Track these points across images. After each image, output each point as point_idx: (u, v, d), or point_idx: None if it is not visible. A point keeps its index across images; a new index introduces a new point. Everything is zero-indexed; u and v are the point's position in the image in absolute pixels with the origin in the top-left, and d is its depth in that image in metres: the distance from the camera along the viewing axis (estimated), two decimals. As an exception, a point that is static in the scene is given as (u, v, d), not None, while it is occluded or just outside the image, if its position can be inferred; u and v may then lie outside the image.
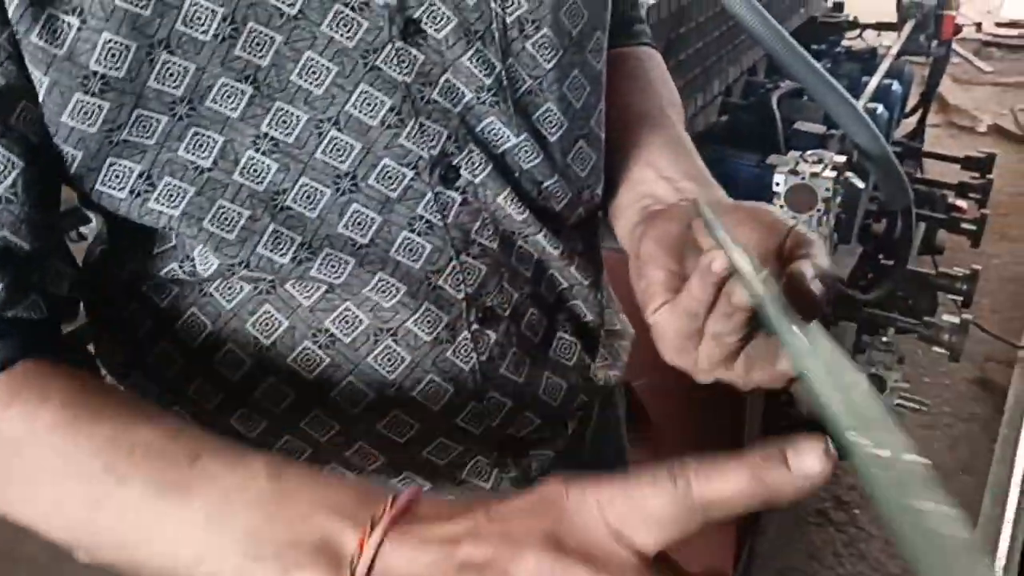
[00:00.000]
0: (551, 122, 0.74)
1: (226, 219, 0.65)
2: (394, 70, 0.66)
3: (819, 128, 2.29)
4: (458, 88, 0.69)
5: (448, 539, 0.47)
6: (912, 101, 3.48)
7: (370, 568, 0.47)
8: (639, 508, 0.44)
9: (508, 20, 0.69)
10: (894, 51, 2.81)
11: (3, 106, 0.59)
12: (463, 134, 0.70)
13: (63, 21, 0.58)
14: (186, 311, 0.71)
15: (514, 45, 0.70)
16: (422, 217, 0.70)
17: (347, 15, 0.64)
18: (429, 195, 0.69)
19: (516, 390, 0.78)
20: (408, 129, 0.67)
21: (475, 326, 0.74)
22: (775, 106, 2.34)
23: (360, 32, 0.65)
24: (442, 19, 0.67)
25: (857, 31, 3.26)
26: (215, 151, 0.64)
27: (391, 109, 0.66)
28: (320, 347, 0.71)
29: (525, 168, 0.73)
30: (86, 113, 0.60)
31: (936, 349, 2.20)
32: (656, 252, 0.67)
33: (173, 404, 0.74)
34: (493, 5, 0.68)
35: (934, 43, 3.23)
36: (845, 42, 3.36)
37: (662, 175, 0.77)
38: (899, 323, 2.21)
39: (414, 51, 0.67)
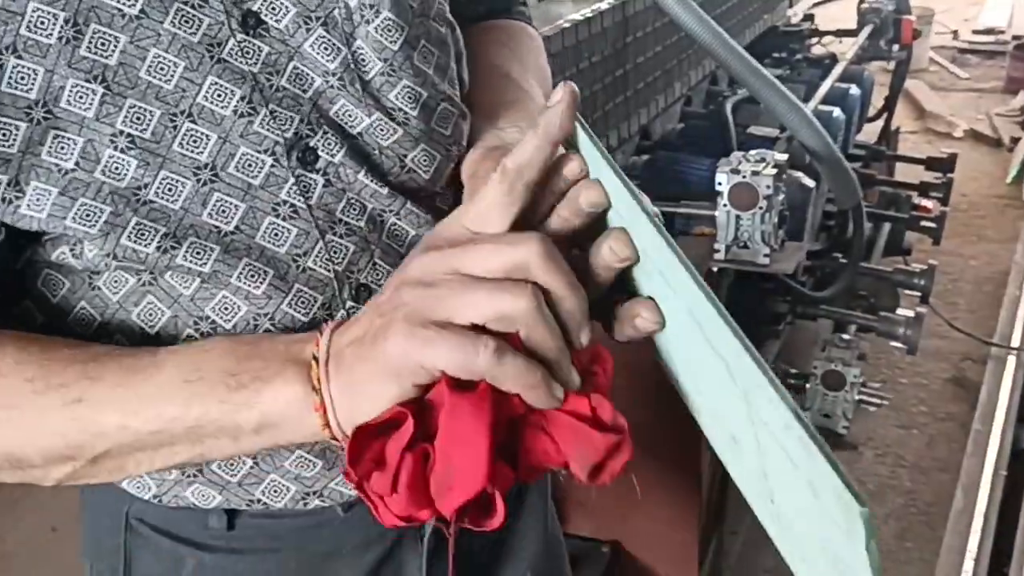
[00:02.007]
0: (409, 97, 0.76)
1: (88, 216, 0.67)
2: (240, 61, 0.69)
3: (772, 132, 2.33)
4: (307, 74, 0.72)
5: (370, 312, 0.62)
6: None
7: (327, 357, 0.62)
8: (484, 205, 0.61)
9: (351, 4, 0.73)
10: (849, 55, 2.85)
11: None
12: (316, 118, 0.72)
13: None
14: (76, 304, 0.73)
15: (359, 29, 0.73)
16: (286, 202, 0.72)
17: (187, 12, 0.67)
18: (291, 180, 0.72)
19: None
20: (260, 117, 0.70)
21: (349, 303, 0.76)
22: (729, 112, 2.38)
23: (202, 27, 0.68)
24: (281, 9, 0.70)
25: (816, 38, 3.30)
26: (76, 152, 0.66)
27: (242, 98, 0.69)
28: (203, 335, 0.73)
29: (384, 145, 0.76)
30: None
31: (894, 344, 2.22)
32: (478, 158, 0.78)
33: None
34: None
35: (895, 47, 3.28)
36: (817, 49, 3.42)
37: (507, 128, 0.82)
38: (856, 319, 2.24)
39: (257, 42, 0.70)
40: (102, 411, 0.65)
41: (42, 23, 0.63)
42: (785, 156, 1.86)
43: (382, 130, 0.75)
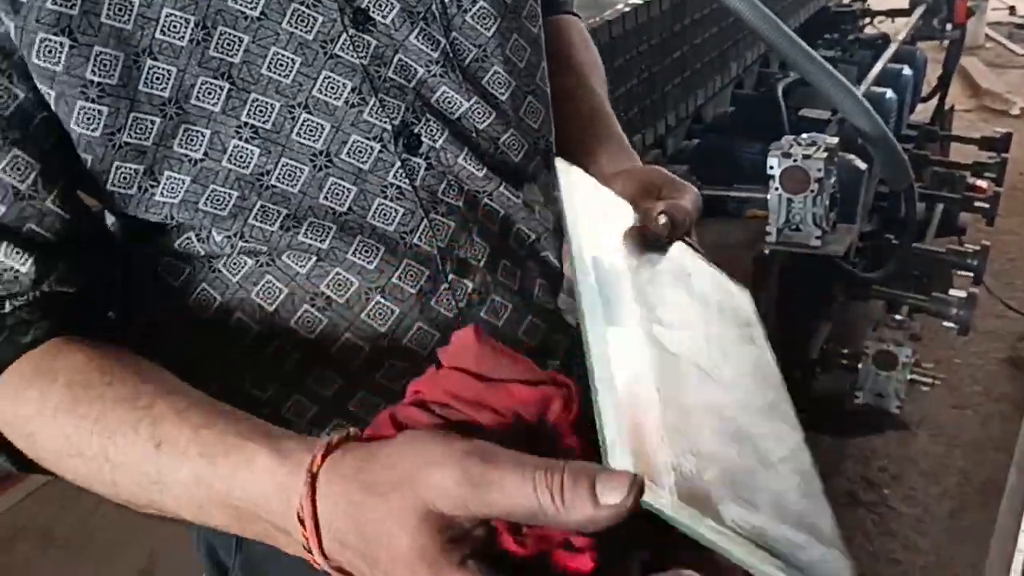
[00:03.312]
0: (499, 82, 0.84)
1: (218, 200, 0.75)
2: (351, 55, 0.76)
3: (823, 114, 2.35)
4: (410, 65, 0.79)
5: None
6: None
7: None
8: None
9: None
10: (902, 36, 2.85)
11: (23, 118, 0.71)
12: (419, 106, 0.80)
13: (55, 41, 0.69)
14: (197, 288, 0.80)
15: (455, 20, 0.81)
16: (393, 184, 0.79)
17: (303, 12, 0.74)
18: (397, 164, 0.79)
19: (496, 333, 0.85)
20: (370, 106, 0.77)
21: (451, 276, 0.82)
22: (780, 94, 2.39)
23: (316, 25, 0.75)
24: (387, 6, 0.78)
25: (868, 19, 3.29)
26: (204, 143, 0.74)
27: (352, 90, 0.76)
28: (318, 309, 0.80)
29: (480, 128, 0.83)
30: (89, 119, 0.71)
31: (946, 324, 2.24)
32: None
33: (189, 375, 0.79)
34: None
35: (948, 26, 3.26)
36: (869, 30, 3.41)
37: (573, 149, 0.91)
38: (908, 299, 2.25)
39: (366, 37, 0.77)
40: (119, 490, 0.69)
41: (175, 27, 0.71)
42: (836, 139, 1.88)
43: (479, 114, 0.82)
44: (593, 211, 0.70)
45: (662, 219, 0.72)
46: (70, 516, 1.17)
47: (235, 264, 0.79)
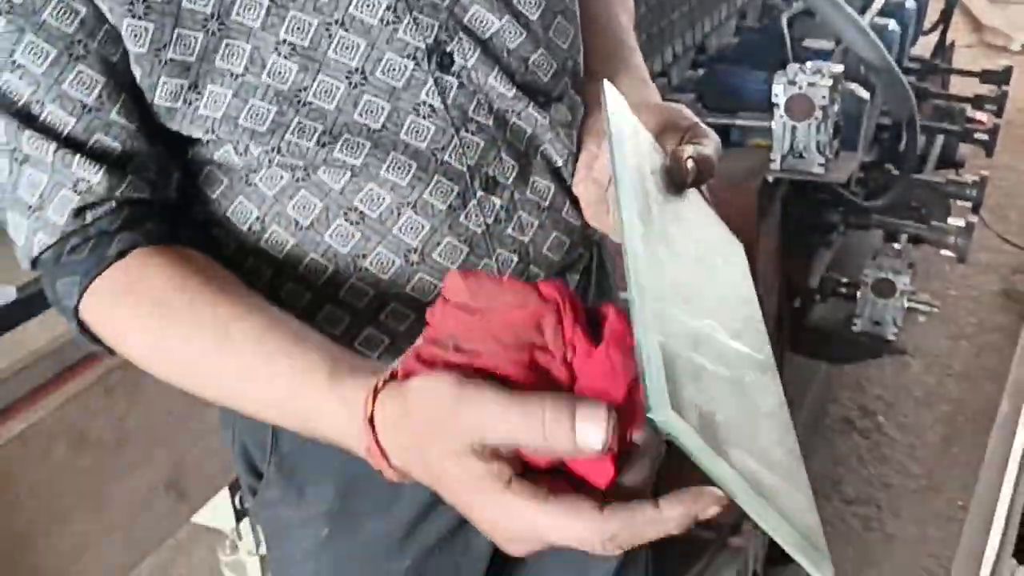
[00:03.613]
0: (530, 2, 0.86)
1: (257, 115, 0.78)
2: None
3: (827, 44, 2.36)
4: None
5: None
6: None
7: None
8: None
9: None
10: (905, -34, 2.85)
11: (86, 33, 0.74)
12: (452, 25, 0.82)
13: None
14: (235, 199, 0.84)
15: None
16: (425, 102, 0.82)
17: None
18: (430, 82, 0.81)
19: (522, 248, 0.90)
20: (404, 24, 0.80)
21: (480, 193, 0.86)
22: (784, 25, 2.41)
23: None
24: None
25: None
26: (245, 59, 0.77)
27: (388, 8, 0.79)
28: (352, 224, 0.83)
29: (511, 48, 0.86)
30: (136, 35, 0.74)
31: (944, 252, 2.28)
32: (584, 140, 0.91)
33: None
34: None
35: (951, -42, 3.25)
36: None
37: (596, 76, 0.92)
38: (907, 228, 2.29)
39: None
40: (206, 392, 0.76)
41: None
42: (840, 67, 1.91)
43: (510, 33, 0.85)
44: (631, 139, 0.72)
45: (690, 164, 0.73)
46: (103, 422, 1.22)
47: (271, 178, 0.82)
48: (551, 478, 0.58)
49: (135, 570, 1.39)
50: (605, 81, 0.76)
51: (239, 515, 1.73)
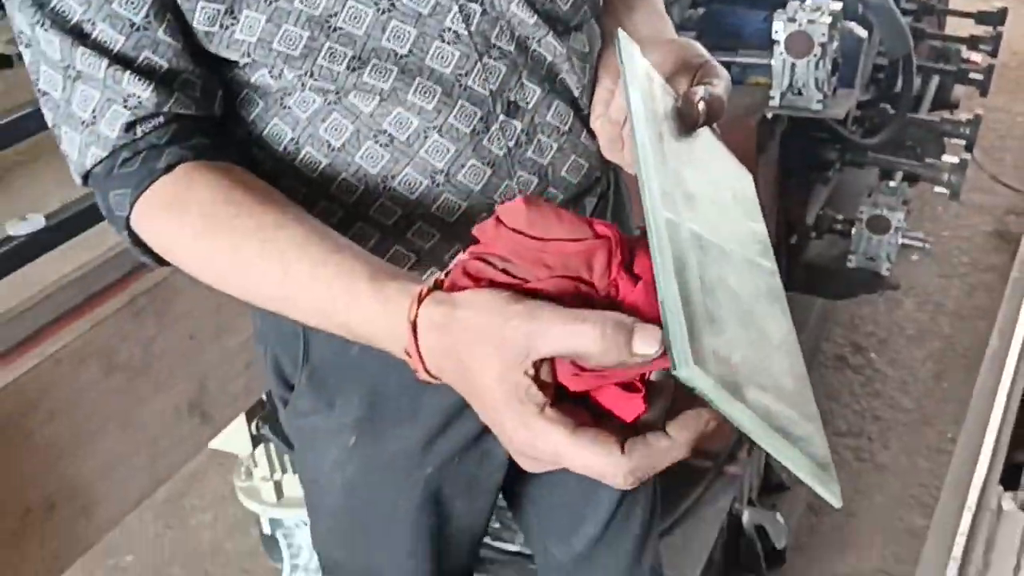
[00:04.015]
0: None
1: (290, 40, 0.82)
2: None
3: (826, -18, 2.38)
4: None
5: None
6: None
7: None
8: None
9: None
10: (904, -95, 2.86)
11: None
12: None
13: None
14: (271, 121, 0.88)
15: None
16: (449, 28, 0.85)
17: None
18: (454, 9, 0.85)
19: (541, 170, 0.94)
20: None
21: (502, 117, 0.90)
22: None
23: None
24: None
25: None
26: None
27: None
28: (381, 146, 0.87)
29: None
30: None
31: (938, 189, 2.33)
32: (600, 75, 0.95)
33: None
34: None
35: None
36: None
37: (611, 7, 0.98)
38: (902, 166, 2.34)
39: None
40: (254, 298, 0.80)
41: None
42: (839, 5, 1.94)
43: None
44: (644, 85, 0.74)
45: (701, 106, 0.76)
46: (131, 344, 1.27)
47: (304, 101, 0.86)
48: (574, 408, 0.62)
49: (152, 496, 1.45)
50: (619, 29, 0.79)
51: (255, 441, 1.79)
